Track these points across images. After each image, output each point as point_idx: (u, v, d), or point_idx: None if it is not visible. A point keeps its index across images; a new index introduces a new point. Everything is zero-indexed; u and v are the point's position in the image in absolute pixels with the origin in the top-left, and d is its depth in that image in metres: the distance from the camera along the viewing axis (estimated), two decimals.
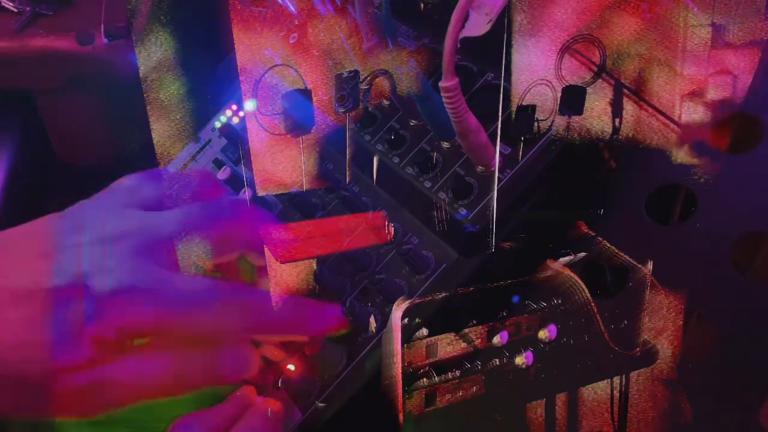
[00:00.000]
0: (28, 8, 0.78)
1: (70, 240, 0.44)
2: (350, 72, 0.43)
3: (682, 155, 0.46)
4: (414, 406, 0.45)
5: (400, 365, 0.43)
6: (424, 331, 0.44)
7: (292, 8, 0.48)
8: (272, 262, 0.46)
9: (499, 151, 0.46)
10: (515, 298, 0.46)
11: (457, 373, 0.46)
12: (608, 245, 0.49)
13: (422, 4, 0.52)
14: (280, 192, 0.51)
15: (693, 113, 0.45)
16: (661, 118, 0.46)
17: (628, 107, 0.45)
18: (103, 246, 0.43)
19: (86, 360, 0.42)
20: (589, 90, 0.44)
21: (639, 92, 0.45)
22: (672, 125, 0.45)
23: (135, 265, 0.43)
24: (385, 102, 0.54)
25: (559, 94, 0.44)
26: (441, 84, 0.40)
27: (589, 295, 0.48)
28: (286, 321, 0.46)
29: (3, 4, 0.78)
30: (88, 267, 0.42)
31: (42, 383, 0.41)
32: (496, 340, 0.46)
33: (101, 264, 0.42)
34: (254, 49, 0.45)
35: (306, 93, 0.43)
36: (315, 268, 0.49)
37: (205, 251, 0.46)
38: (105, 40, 0.76)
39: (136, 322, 0.42)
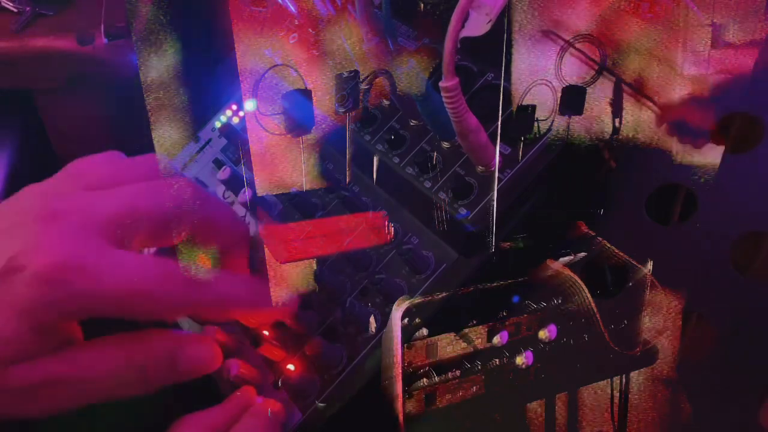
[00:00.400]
0: (28, 8, 0.78)
1: (11, 220, 0.42)
2: (350, 72, 0.43)
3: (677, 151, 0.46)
4: (414, 406, 0.45)
5: (400, 365, 0.43)
6: (424, 331, 0.44)
7: (292, 8, 0.48)
8: (272, 262, 0.46)
9: (499, 151, 0.46)
10: (515, 298, 0.46)
11: (457, 373, 0.46)
12: (608, 245, 0.49)
13: (422, 4, 0.52)
14: (280, 192, 0.51)
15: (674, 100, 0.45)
16: (661, 117, 0.46)
17: (628, 107, 0.45)
18: (41, 225, 0.41)
19: (30, 348, 0.40)
20: (589, 90, 0.44)
21: (639, 92, 0.45)
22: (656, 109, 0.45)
23: (73, 243, 0.41)
24: (385, 102, 0.54)
25: (559, 94, 0.44)
26: (441, 84, 0.40)
27: (589, 295, 0.47)
28: (229, 298, 0.46)
29: (3, 4, 0.78)
30: (24, 247, 0.40)
31: None
32: (496, 340, 0.46)
33: (37, 242, 0.40)
34: (254, 49, 0.45)
35: (306, 93, 0.43)
36: (315, 268, 0.49)
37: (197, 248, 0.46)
38: (105, 40, 0.76)
39: (76, 300, 0.40)
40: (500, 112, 0.46)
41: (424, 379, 0.45)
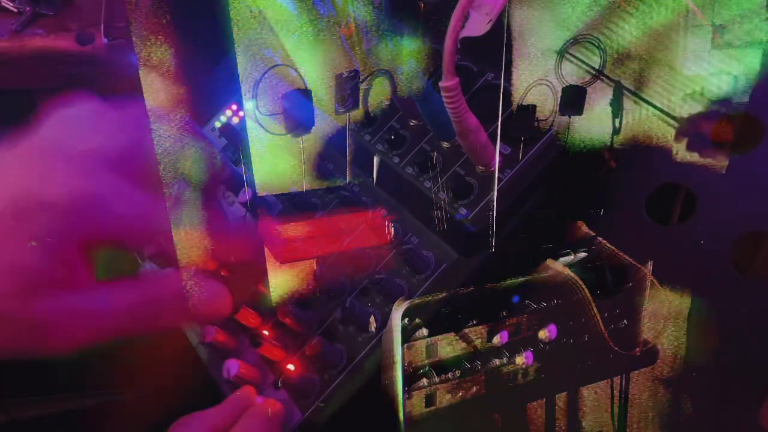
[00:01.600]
0: (28, 8, 0.78)
1: (20, 157, 0.43)
2: (350, 72, 0.43)
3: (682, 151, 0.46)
4: (414, 406, 0.45)
5: (400, 365, 0.43)
6: (424, 331, 0.44)
7: (292, 8, 0.48)
8: (272, 262, 0.46)
9: (499, 151, 0.46)
10: (515, 298, 0.46)
11: (457, 373, 0.46)
12: (608, 245, 0.49)
13: (422, 4, 0.52)
14: (280, 192, 0.52)
15: (693, 112, 0.45)
16: (661, 117, 0.46)
17: (628, 107, 0.45)
18: (46, 161, 0.43)
19: (47, 277, 0.41)
20: (589, 90, 0.44)
21: (639, 92, 0.45)
22: (672, 122, 0.45)
23: (85, 176, 0.42)
24: (385, 102, 0.54)
25: (559, 94, 0.44)
26: (441, 84, 0.40)
27: (589, 295, 0.47)
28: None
29: (3, 4, 0.78)
30: (37, 179, 0.42)
31: (12, 309, 0.41)
32: (496, 340, 0.46)
33: (50, 174, 0.42)
34: (254, 49, 0.45)
35: (306, 93, 0.43)
36: (315, 268, 0.49)
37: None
38: (105, 40, 0.76)
39: (97, 232, 0.42)
40: (500, 112, 0.46)
41: (424, 379, 0.45)
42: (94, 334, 0.43)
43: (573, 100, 0.44)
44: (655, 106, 0.45)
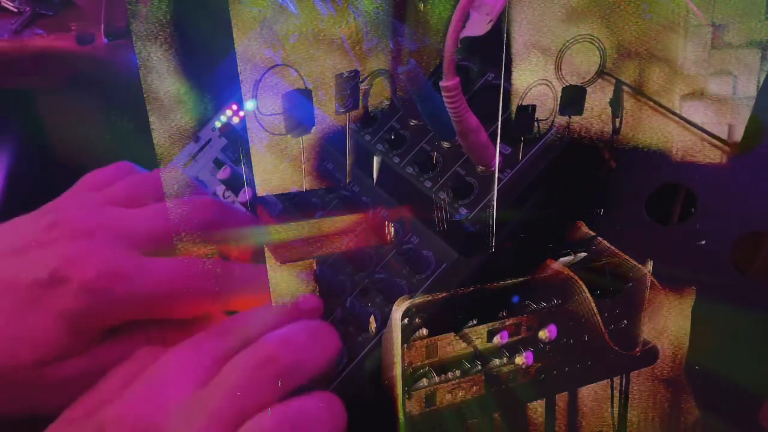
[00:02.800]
0: (28, 8, 0.78)
1: (45, 236, 0.44)
2: (350, 72, 0.43)
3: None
4: (414, 406, 0.45)
5: (400, 365, 0.43)
6: (424, 331, 0.44)
7: (292, 8, 0.48)
8: (272, 262, 0.46)
9: (499, 151, 0.46)
10: (515, 298, 0.46)
11: (457, 373, 0.46)
12: (608, 245, 0.49)
13: (422, 4, 0.52)
14: (280, 192, 0.52)
15: (693, 113, 0.45)
16: (661, 118, 0.46)
17: (628, 107, 0.45)
18: (79, 239, 0.44)
19: (66, 350, 0.42)
20: (589, 90, 0.44)
21: (639, 92, 0.45)
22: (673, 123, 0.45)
23: (112, 256, 0.43)
24: (385, 102, 0.54)
25: (559, 94, 0.44)
26: (441, 84, 0.40)
27: (589, 295, 0.47)
28: (253, 284, 0.47)
29: (3, 4, 0.78)
30: (66, 260, 0.42)
31: (27, 378, 0.42)
32: (496, 340, 0.46)
33: (79, 255, 0.43)
34: (254, 49, 0.45)
35: (306, 93, 0.43)
36: (315, 268, 0.49)
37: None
38: (105, 40, 0.76)
39: (117, 307, 0.43)
40: (500, 112, 0.46)
41: (424, 379, 0.45)
42: None
43: (573, 100, 0.44)
44: (656, 102, 0.45)
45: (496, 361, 0.47)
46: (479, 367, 0.46)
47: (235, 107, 0.65)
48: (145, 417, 0.38)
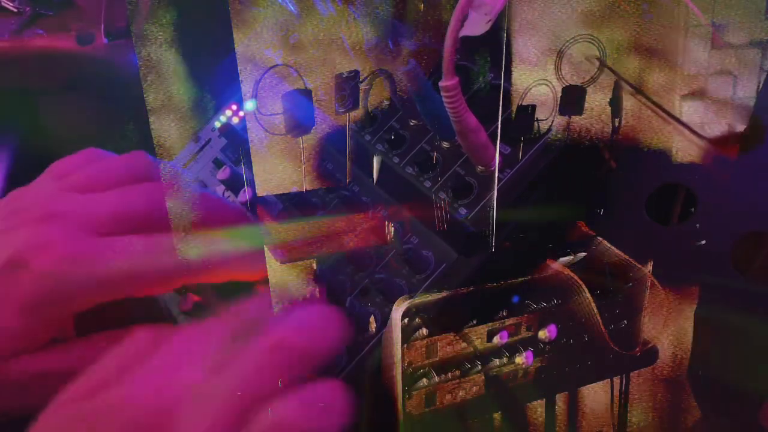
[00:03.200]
0: (28, 8, 0.78)
1: (4, 223, 0.44)
2: (350, 72, 0.43)
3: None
4: (414, 406, 0.45)
5: (400, 365, 0.43)
6: (424, 331, 0.44)
7: (292, 8, 0.48)
8: (272, 262, 0.46)
9: (499, 151, 0.46)
10: (515, 298, 0.46)
11: (457, 373, 0.46)
12: (608, 245, 0.49)
13: (422, 4, 0.52)
14: (280, 192, 0.52)
15: (693, 113, 0.45)
16: (661, 118, 0.46)
17: (628, 107, 0.45)
18: (39, 225, 0.43)
19: (30, 341, 0.42)
20: (589, 90, 0.44)
21: (639, 92, 0.45)
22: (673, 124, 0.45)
23: (73, 241, 0.43)
24: (385, 102, 0.54)
25: (559, 94, 0.44)
26: (441, 84, 0.40)
27: (589, 295, 0.47)
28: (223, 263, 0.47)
29: (3, 4, 0.78)
30: (25, 246, 0.42)
31: None
32: (496, 340, 0.46)
33: (38, 242, 0.42)
34: (254, 49, 0.45)
35: (306, 93, 0.43)
36: (315, 268, 0.49)
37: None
38: (105, 40, 0.76)
39: (78, 292, 0.43)
40: (500, 112, 0.46)
41: (424, 379, 0.45)
42: None
43: (573, 100, 0.44)
44: (655, 103, 0.45)
45: (496, 361, 0.47)
46: (479, 367, 0.46)
47: (235, 107, 0.65)
48: (154, 401, 0.37)
